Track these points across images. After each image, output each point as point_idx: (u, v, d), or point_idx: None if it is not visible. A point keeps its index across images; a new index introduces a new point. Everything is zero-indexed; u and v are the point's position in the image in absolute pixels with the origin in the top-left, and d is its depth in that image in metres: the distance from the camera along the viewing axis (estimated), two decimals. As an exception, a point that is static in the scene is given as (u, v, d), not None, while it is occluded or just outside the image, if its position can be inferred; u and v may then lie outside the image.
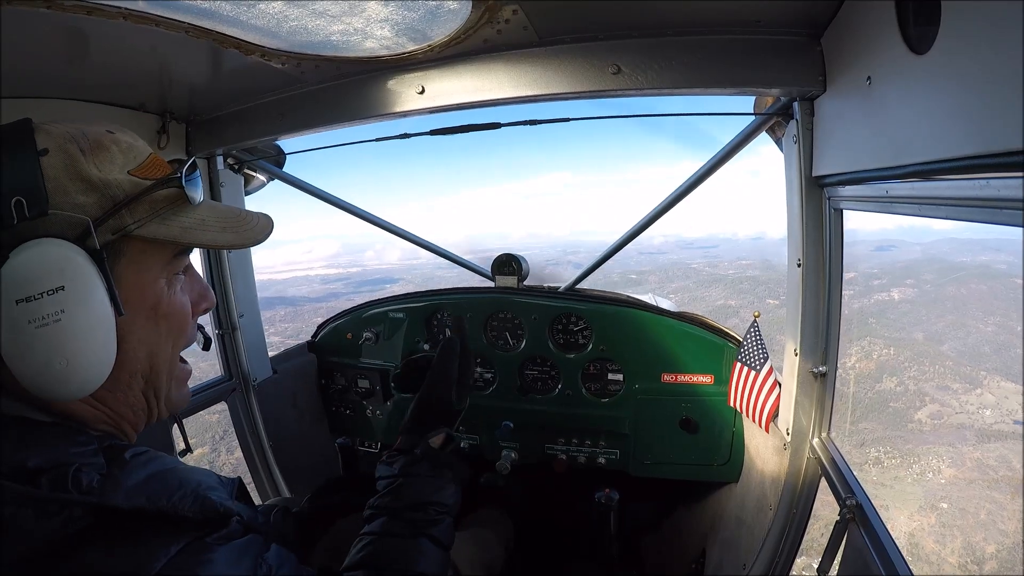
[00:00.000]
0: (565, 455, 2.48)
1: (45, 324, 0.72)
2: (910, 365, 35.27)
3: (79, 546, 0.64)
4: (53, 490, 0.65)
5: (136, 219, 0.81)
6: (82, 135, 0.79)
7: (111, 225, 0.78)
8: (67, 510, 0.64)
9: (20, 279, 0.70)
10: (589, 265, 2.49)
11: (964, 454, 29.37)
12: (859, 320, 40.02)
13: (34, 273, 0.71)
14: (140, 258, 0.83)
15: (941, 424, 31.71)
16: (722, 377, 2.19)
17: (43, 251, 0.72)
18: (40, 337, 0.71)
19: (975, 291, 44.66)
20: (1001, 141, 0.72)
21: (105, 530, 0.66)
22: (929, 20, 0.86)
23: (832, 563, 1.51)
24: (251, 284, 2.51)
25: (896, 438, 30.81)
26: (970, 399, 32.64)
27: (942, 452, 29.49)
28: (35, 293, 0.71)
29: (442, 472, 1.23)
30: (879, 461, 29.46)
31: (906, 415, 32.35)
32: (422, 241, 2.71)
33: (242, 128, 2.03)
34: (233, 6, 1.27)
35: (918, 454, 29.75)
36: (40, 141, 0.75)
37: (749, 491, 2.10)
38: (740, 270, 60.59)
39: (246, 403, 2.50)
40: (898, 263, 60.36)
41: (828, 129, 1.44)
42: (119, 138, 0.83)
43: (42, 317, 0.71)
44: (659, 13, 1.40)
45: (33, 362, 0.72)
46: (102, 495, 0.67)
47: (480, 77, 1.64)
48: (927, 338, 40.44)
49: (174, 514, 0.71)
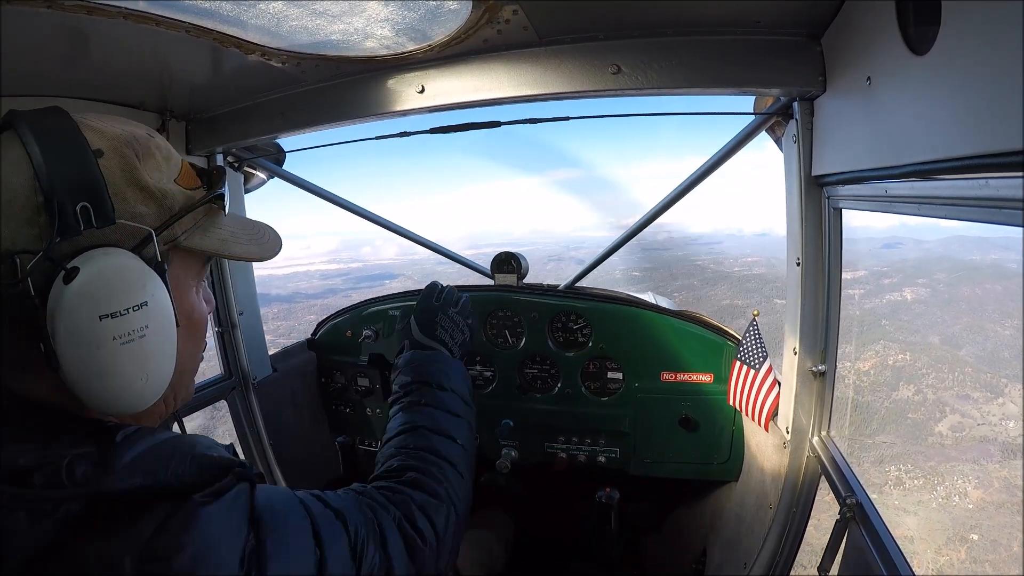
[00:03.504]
0: (565, 454, 2.48)
1: (131, 340, 0.69)
2: (928, 372, 33.97)
3: (73, 539, 0.60)
4: (46, 487, 0.61)
5: (184, 230, 0.80)
6: (133, 138, 0.76)
7: (164, 236, 0.76)
8: (63, 506, 0.60)
9: (102, 293, 0.67)
10: (589, 263, 2.49)
11: (990, 473, 27.86)
12: (871, 322, 38.92)
13: (118, 287, 0.68)
14: (179, 268, 0.82)
15: (963, 437, 30.19)
16: (722, 376, 2.20)
17: (121, 264, 0.69)
18: (125, 354, 0.69)
19: (990, 291, 43.40)
20: (1001, 141, 0.73)
21: (99, 518, 0.62)
22: (929, 20, 0.86)
23: (833, 562, 1.51)
24: (251, 282, 2.51)
25: (917, 454, 29.28)
26: (992, 409, 31.24)
27: (967, 471, 27.85)
28: (121, 308, 0.68)
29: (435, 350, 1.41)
30: (900, 482, 27.92)
31: (926, 427, 30.83)
32: (421, 239, 2.71)
33: (242, 126, 2.03)
34: (233, 5, 1.26)
35: (941, 473, 28.14)
36: (92, 140, 0.71)
37: (749, 490, 2.11)
38: (746, 267, 60.00)
39: (246, 401, 2.50)
40: (908, 260, 59.14)
41: (828, 129, 1.44)
42: (158, 142, 0.81)
43: (128, 333, 0.69)
44: (659, 13, 1.40)
45: (115, 380, 0.69)
46: (97, 483, 0.63)
47: (480, 77, 1.64)
48: (944, 342, 39.19)
49: (176, 483, 0.67)
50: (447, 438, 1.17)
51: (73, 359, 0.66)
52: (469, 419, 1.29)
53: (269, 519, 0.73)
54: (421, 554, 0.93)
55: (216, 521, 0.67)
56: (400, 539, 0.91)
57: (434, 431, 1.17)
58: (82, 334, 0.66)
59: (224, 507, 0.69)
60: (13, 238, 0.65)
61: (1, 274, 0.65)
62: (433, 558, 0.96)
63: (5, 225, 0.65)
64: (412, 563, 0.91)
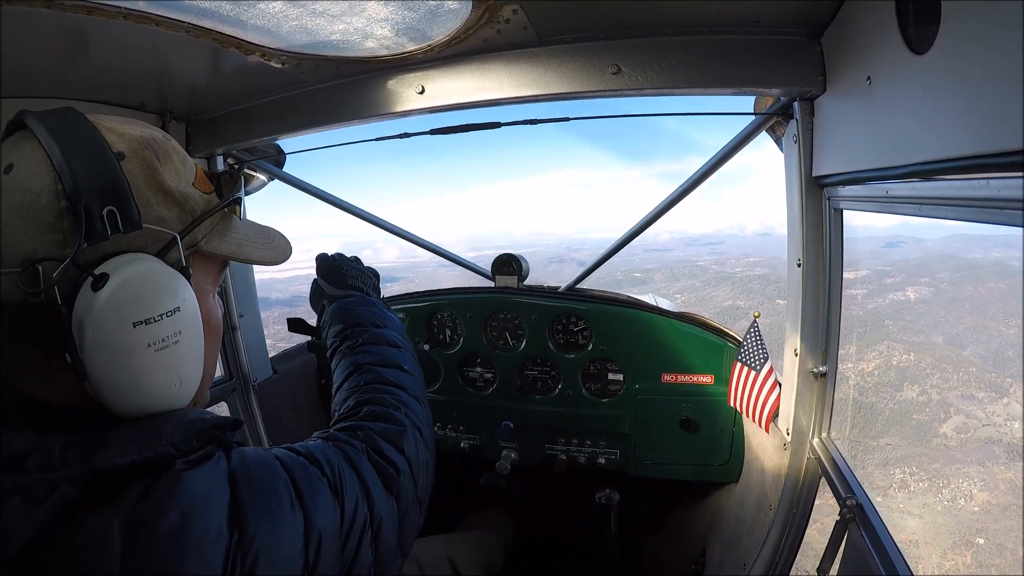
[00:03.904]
0: (565, 455, 2.48)
1: (165, 347, 0.68)
2: (932, 372, 33.51)
3: (67, 523, 0.59)
4: (39, 470, 0.59)
5: (204, 234, 0.80)
6: (152, 140, 0.75)
7: (187, 240, 0.75)
8: (58, 490, 0.59)
9: (135, 299, 0.65)
10: (590, 264, 2.49)
11: (995, 475, 27.41)
12: (875, 322, 38.51)
13: (151, 293, 0.67)
14: (200, 273, 0.81)
15: (968, 439, 29.74)
16: (722, 377, 2.19)
17: (152, 269, 0.68)
18: (160, 360, 0.68)
19: (994, 290, 42.88)
20: (1001, 141, 0.72)
21: (91, 497, 0.60)
22: (929, 20, 0.86)
23: (832, 563, 1.51)
24: (251, 284, 2.51)
25: (922, 456, 28.78)
26: (996, 409, 30.84)
27: (972, 473, 27.41)
28: (155, 315, 0.67)
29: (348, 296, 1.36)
30: (905, 484, 27.46)
31: (931, 428, 30.33)
32: (422, 241, 2.71)
33: (242, 128, 2.03)
34: (233, 6, 1.27)
35: (947, 475, 27.65)
36: (112, 142, 0.70)
37: (749, 491, 2.11)
38: (748, 268, 59.63)
39: (246, 403, 2.50)
40: (910, 259, 58.52)
41: (828, 129, 1.44)
42: (175, 146, 0.80)
43: (162, 339, 0.68)
44: (659, 13, 1.40)
45: (149, 388, 0.68)
46: (91, 461, 0.61)
47: (480, 77, 1.64)
48: (948, 342, 38.63)
49: (172, 451, 0.66)
50: (393, 367, 1.15)
51: (104, 368, 0.65)
52: (410, 350, 1.26)
53: (244, 476, 0.71)
54: (396, 483, 0.91)
55: (200, 483, 0.66)
56: (373, 471, 0.89)
57: (380, 364, 1.15)
58: (115, 342, 0.65)
59: (207, 471, 0.68)
60: (35, 245, 0.63)
61: (22, 283, 0.62)
62: (410, 486, 0.94)
63: (25, 231, 0.63)
64: (390, 494, 0.89)
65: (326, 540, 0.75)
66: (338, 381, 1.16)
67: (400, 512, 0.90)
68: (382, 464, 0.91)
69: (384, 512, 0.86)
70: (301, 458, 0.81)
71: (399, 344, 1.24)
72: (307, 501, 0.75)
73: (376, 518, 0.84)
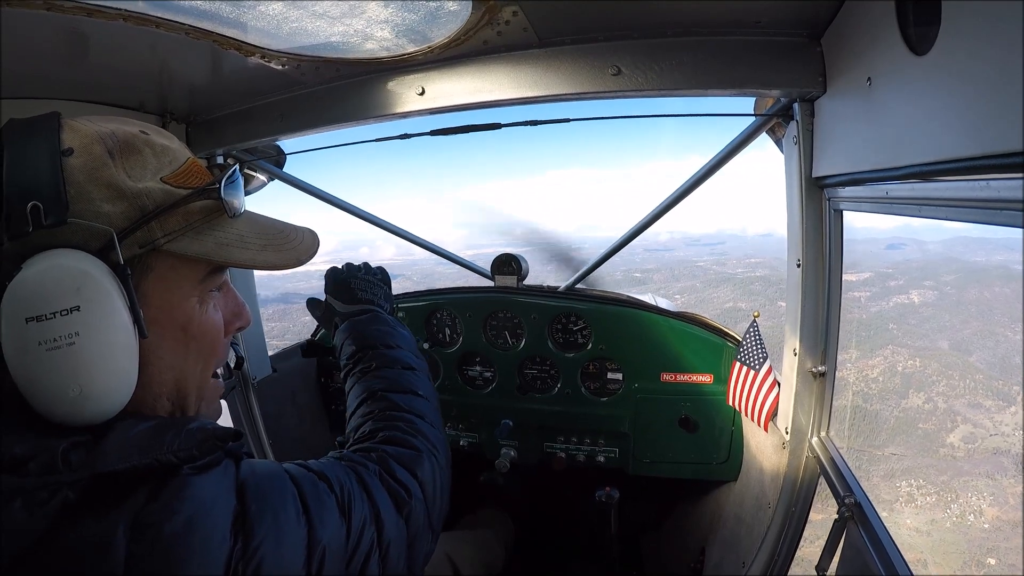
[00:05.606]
0: (564, 453, 2.49)
1: (56, 347, 0.64)
2: (938, 379, 32.60)
3: (68, 526, 0.59)
4: (42, 473, 0.59)
5: (167, 232, 0.73)
6: (111, 135, 0.71)
7: (138, 238, 0.71)
8: (59, 493, 0.58)
9: (30, 295, 0.63)
10: (590, 264, 2.50)
11: (1005, 488, 26.51)
12: (879, 325, 37.67)
13: (47, 289, 0.64)
14: (169, 275, 0.75)
15: (976, 449, 28.75)
16: (721, 376, 2.20)
17: (58, 264, 0.65)
18: (51, 361, 0.64)
19: (999, 294, 42.06)
20: (1001, 142, 0.73)
21: (93, 501, 0.60)
22: (929, 20, 0.86)
23: (831, 561, 1.51)
24: (250, 282, 2.51)
25: (928, 468, 27.76)
26: (1004, 418, 29.85)
27: (981, 486, 26.42)
28: (47, 312, 0.63)
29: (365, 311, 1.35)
30: (912, 498, 26.39)
31: (937, 438, 29.39)
32: (420, 240, 2.71)
33: (242, 128, 2.03)
34: (233, 7, 1.27)
35: (955, 488, 26.63)
36: (66, 139, 0.68)
37: (748, 489, 2.11)
38: (749, 269, 59.07)
39: (246, 401, 2.50)
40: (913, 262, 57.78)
41: (828, 130, 1.44)
42: (153, 140, 0.76)
43: (53, 339, 0.64)
44: (659, 14, 1.40)
45: (43, 386, 0.65)
46: (93, 465, 0.61)
47: (480, 78, 1.63)
48: (953, 347, 37.73)
49: (172, 458, 0.65)
50: (408, 394, 1.14)
51: (12, 365, 0.64)
52: (424, 370, 1.25)
53: (253, 486, 0.71)
54: (407, 507, 0.91)
55: (207, 488, 0.67)
56: (385, 493, 0.88)
57: (393, 391, 1.14)
58: (12, 337, 0.64)
59: (214, 477, 0.68)
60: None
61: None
62: (423, 511, 0.94)
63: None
64: (400, 517, 0.89)
65: (330, 555, 0.75)
66: (352, 407, 1.15)
67: (410, 536, 0.90)
68: (395, 487, 0.91)
69: (393, 535, 0.86)
70: (311, 474, 0.81)
71: (413, 366, 1.23)
72: (314, 515, 0.75)
73: (384, 540, 0.84)
